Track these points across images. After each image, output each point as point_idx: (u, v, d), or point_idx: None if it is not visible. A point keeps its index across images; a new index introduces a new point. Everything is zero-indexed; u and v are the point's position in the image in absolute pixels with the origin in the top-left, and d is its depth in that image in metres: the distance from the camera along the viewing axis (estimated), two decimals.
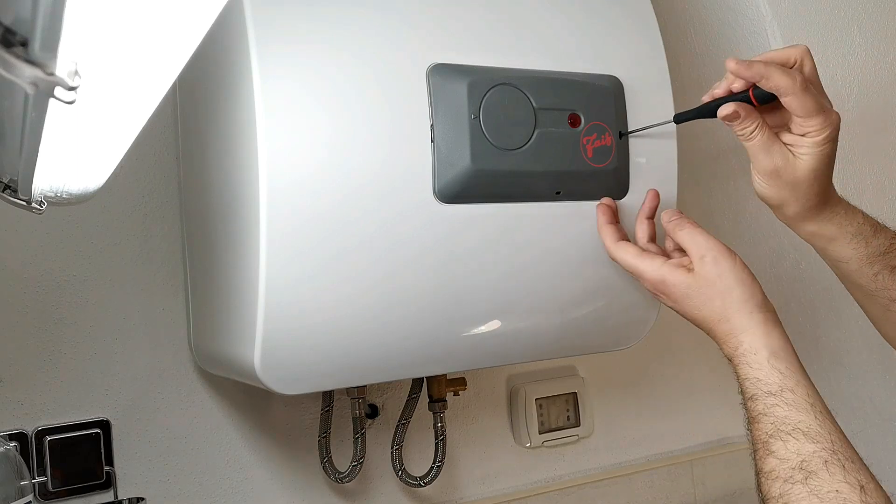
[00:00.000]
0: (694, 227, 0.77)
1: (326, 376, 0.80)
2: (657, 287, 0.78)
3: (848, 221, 0.81)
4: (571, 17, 0.86)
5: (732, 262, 0.74)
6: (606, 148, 0.84)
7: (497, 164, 0.78)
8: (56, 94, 0.30)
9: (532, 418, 1.19)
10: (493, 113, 0.78)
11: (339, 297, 0.75)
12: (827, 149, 0.76)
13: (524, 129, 0.80)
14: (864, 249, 0.81)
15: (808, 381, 0.70)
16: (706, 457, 1.34)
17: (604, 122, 0.84)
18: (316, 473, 1.04)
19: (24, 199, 0.64)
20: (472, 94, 0.77)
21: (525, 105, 0.80)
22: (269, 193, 0.71)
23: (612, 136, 0.84)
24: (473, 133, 0.77)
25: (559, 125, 0.81)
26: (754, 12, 1.06)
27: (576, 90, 0.83)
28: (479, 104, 0.77)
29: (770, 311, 0.74)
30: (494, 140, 0.78)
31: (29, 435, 0.89)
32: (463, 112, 0.77)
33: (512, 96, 0.79)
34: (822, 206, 0.80)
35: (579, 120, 0.82)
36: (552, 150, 0.81)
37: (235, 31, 0.72)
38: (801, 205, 0.79)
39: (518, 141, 0.79)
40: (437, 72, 0.77)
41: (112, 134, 0.51)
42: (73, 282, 0.93)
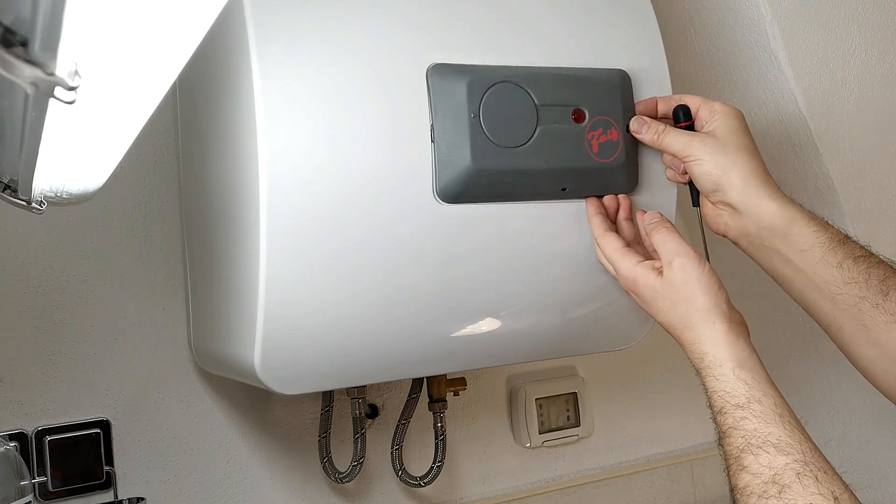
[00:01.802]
0: (668, 232, 0.77)
1: (326, 376, 0.80)
2: (629, 286, 0.78)
3: (798, 204, 0.80)
4: (571, 18, 0.86)
5: (700, 270, 0.74)
6: (613, 143, 0.83)
7: (498, 162, 0.78)
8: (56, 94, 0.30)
9: (532, 418, 1.19)
10: (494, 111, 0.77)
11: (339, 297, 0.75)
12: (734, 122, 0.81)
13: (526, 126, 0.79)
14: (824, 233, 0.78)
15: (776, 391, 0.69)
16: (706, 457, 1.34)
17: (609, 117, 0.83)
18: (316, 473, 1.04)
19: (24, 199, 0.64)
20: (471, 93, 0.77)
21: (526, 102, 0.79)
22: (269, 193, 0.71)
23: (619, 130, 0.83)
24: (473, 132, 0.76)
25: (562, 121, 0.81)
26: (754, 12, 1.06)
27: (579, 85, 0.82)
28: (479, 103, 0.77)
29: (736, 321, 0.73)
30: (495, 138, 0.77)
31: (29, 435, 0.89)
32: (462, 111, 0.76)
33: (512, 94, 0.79)
34: (768, 178, 0.80)
35: (583, 115, 0.82)
36: (556, 147, 0.80)
37: (235, 31, 0.72)
38: (739, 175, 0.78)
39: (519, 138, 0.79)
40: (437, 71, 0.77)
41: (112, 134, 0.51)
42: (73, 282, 0.93)
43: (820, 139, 1.08)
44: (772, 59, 1.07)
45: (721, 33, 1.12)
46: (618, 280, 0.80)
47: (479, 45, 0.81)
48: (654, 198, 0.87)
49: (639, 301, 0.79)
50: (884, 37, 1.13)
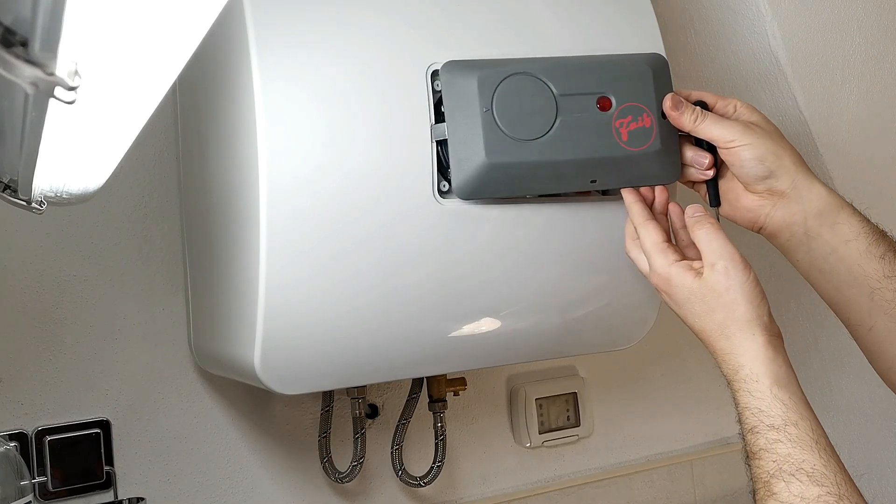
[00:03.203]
0: (714, 230, 0.72)
1: (326, 376, 0.80)
2: (661, 285, 0.73)
3: (838, 194, 0.77)
4: (571, 18, 0.86)
5: (745, 276, 0.69)
6: (645, 130, 0.78)
7: (514, 155, 0.75)
8: (56, 94, 0.30)
9: (532, 418, 1.19)
10: (508, 104, 0.75)
11: (339, 297, 0.75)
12: None
13: (544, 118, 0.76)
14: (867, 224, 0.76)
15: (812, 414, 0.65)
16: (706, 457, 1.34)
17: (641, 104, 0.78)
18: (316, 473, 1.04)
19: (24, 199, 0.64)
20: (482, 87, 0.75)
21: (544, 93, 0.77)
22: (269, 193, 0.71)
23: (653, 116, 0.78)
24: (486, 126, 0.74)
25: (586, 110, 0.77)
26: (754, 12, 1.06)
27: (604, 72, 0.78)
28: (492, 96, 0.75)
29: (776, 334, 0.69)
30: (510, 131, 0.75)
31: (29, 435, 0.89)
32: (474, 106, 0.75)
33: (528, 85, 0.76)
34: (810, 171, 0.77)
35: (610, 103, 0.78)
36: (579, 137, 0.77)
37: (235, 31, 0.72)
38: (791, 159, 0.76)
39: (537, 131, 0.76)
40: (448, 69, 0.76)
41: (112, 134, 0.51)
42: (72, 282, 0.93)
43: (820, 139, 1.08)
44: (772, 59, 1.07)
45: (721, 33, 1.12)
46: (649, 276, 0.75)
47: (479, 47, 0.80)
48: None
49: (669, 301, 0.74)
50: (884, 37, 1.13)
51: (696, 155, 0.80)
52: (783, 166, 0.76)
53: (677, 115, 0.78)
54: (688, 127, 0.78)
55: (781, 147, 0.77)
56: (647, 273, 0.75)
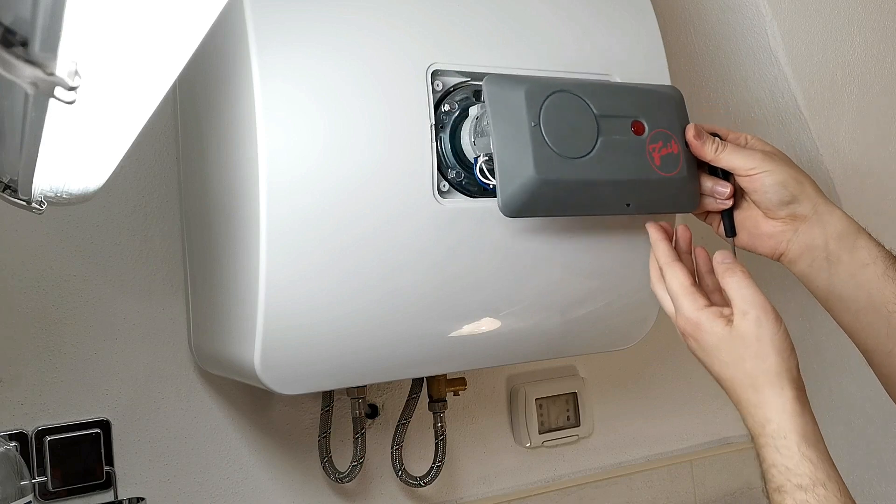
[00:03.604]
0: (744, 278, 0.70)
1: (326, 376, 0.80)
2: (689, 329, 0.71)
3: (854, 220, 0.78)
4: (571, 17, 0.86)
5: (776, 328, 0.67)
6: (674, 156, 0.78)
7: (563, 173, 0.74)
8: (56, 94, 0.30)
9: (532, 418, 1.19)
10: (554, 120, 0.74)
11: (339, 297, 0.75)
12: None
13: (587, 136, 0.76)
14: (882, 247, 0.76)
15: (837, 473, 0.64)
16: (706, 457, 1.34)
17: (668, 130, 0.79)
18: (316, 473, 1.04)
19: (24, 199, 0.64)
20: (530, 102, 0.73)
21: (586, 112, 0.76)
22: (270, 193, 0.71)
23: (679, 143, 0.79)
24: (535, 141, 0.73)
25: (623, 133, 0.77)
26: (754, 12, 1.06)
27: (636, 97, 0.79)
28: (539, 111, 0.74)
29: (801, 388, 0.67)
30: (558, 148, 0.74)
31: (29, 435, 0.89)
32: (522, 120, 0.73)
33: (571, 104, 0.75)
34: (827, 197, 0.78)
35: (643, 127, 0.78)
36: (619, 159, 0.76)
37: (235, 31, 0.72)
38: (810, 184, 0.76)
39: (582, 149, 0.75)
40: (493, 81, 0.75)
41: (112, 134, 0.51)
42: (73, 281, 0.93)
43: (820, 139, 1.08)
44: (772, 59, 1.07)
45: (721, 33, 1.12)
46: (675, 319, 0.73)
47: (479, 46, 0.81)
48: None
49: (695, 346, 0.71)
50: (884, 37, 1.13)
51: (716, 185, 0.80)
52: (805, 191, 0.77)
53: (699, 145, 0.78)
54: (709, 156, 0.78)
55: (800, 172, 0.78)
56: (672, 315, 0.74)
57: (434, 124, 0.77)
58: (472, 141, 0.79)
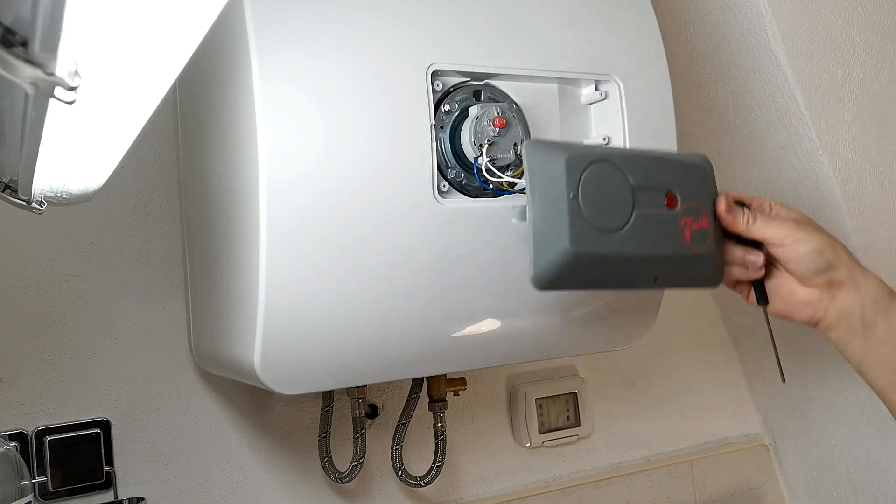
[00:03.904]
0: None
1: (326, 376, 0.80)
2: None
3: None
4: (571, 17, 0.86)
5: None
6: (704, 231, 0.77)
7: (597, 246, 0.72)
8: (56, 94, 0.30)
9: (532, 418, 1.19)
10: (592, 191, 0.72)
11: (339, 297, 0.75)
12: None
13: (623, 209, 0.74)
14: None
15: None
16: (706, 457, 1.34)
17: (700, 203, 0.77)
18: (316, 473, 1.04)
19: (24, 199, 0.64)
20: (570, 171, 0.71)
21: (623, 183, 0.74)
22: (270, 193, 0.71)
23: (708, 217, 0.77)
24: (572, 212, 0.71)
25: (657, 206, 0.75)
26: (754, 12, 1.06)
27: (670, 168, 0.77)
28: (578, 181, 0.71)
29: None
30: (594, 221, 0.72)
31: (29, 435, 0.89)
32: (561, 190, 0.71)
33: (610, 174, 0.73)
34: (856, 260, 0.78)
35: (675, 200, 0.76)
36: (652, 233, 0.75)
37: (235, 31, 0.72)
38: (844, 250, 0.77)
39: (618, 222, 0.73)
40: (533, 147, 0.73)
41: (112, 134, 0.51)
42: (73, 282, 0.93)
43: (820, 139, 1.08)
44: (772, 59, 1.07)
45: (721, 33, 1.12)
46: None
47: (478, 45, 0.81)
48: None
49: None
50: (884, 37, 1.13)
51: (747, 254, 0.79)
52: (840, 257, 0.77)
53: (731, 219, 0.78)
54: (741, 229, 0.78)
55: (832, 238, 0.78)
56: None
57: (434, 124, 0.77)
58: (472, 140, 0.79)
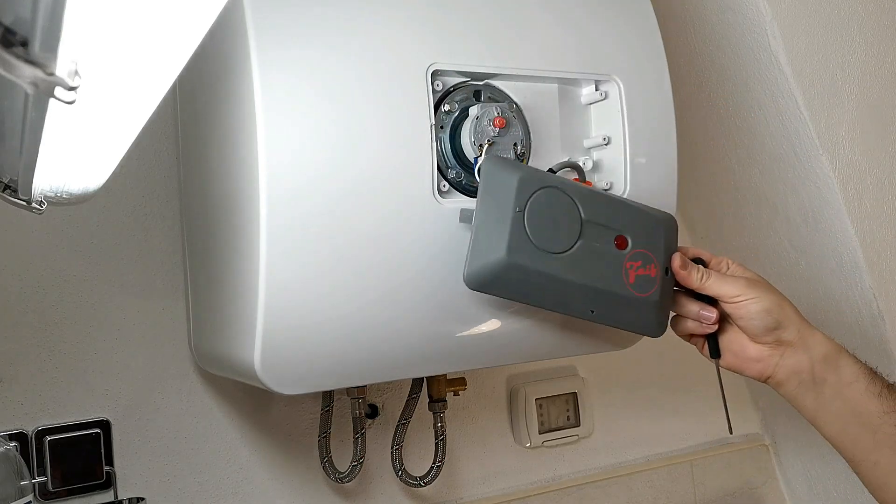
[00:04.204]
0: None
1: (326, 376, 0.80)
2: None
3: None
4: (571, 17, 0.86)
5: None
6: (650, 279, 0.80)
7: (532, 262, 0.75)
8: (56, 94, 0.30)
9: (532, 418, 1.19)
10: (539, 212, 0.76)
11: (339, 297, 0.75)
12: None
13: (567, 236, 0.77)
14: (860, 363, 0.80)
15: None
16: (706, 457, 1.34)
17: (651, 253, 0.80)
18: (316, 473, 1.04)
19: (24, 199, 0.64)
20: (521, 189, 0.75)
21: (573, 213, 0.77)
22: (270, 193, 0.71)
23: (658, 269, 0.81)
24: (514, 226, 0.75)
25: (605, 243, 0.79)
26: (754, 12, 1.06)
27: (627, 214, 0.80)
28: (527, 200, 0.75)
29: None
30: (535, 238, 0.75)
31: (29, 435, 0.89)
32: (508, 204, 0.75)
33: (561, 201, 0.77)
34: (805, 320, 0.81)
35: (626, 243, 0.79)
36: (593, 265, 0.78)
37: (235, 32, 0.72)
38: (793, 310, 0.80)
39: (558, 246, 0.77)
40: (492, 161, 0.76)
41: (112, 134, 0.51)
42: (73, 282, 0.93)
43: (820, 139, 1.08)
44: (772, 59, 1.07)
45: (721, 33, 1.12)
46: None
47: (478, 45, 0.81)
48: None
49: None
50: (884, 37, 1.13)
51: (702, 309, 0.82)
52: (788, 317, 0.80)
53: (686, 274, 0.81)
54: (695, 284, 0.81)
55: (783, 298, 0.81)
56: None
57: (434, 124, 0.77)
58: (472, 140, 0.79)
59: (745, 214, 1.24)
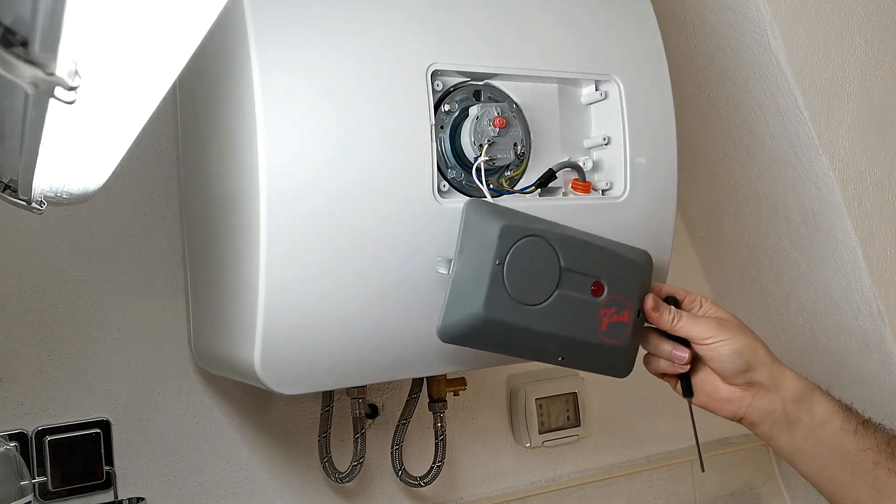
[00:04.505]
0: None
1: (326, 376, 0.80)
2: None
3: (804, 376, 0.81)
4: (571, 18, 0.86)
5: None
6: (622, 325, 0.80)
7: (509, 316, 0.74)
8: (56, 94, 0.30)
9: (532, 418, 1.19)
10: (518, 263, 0.74)
11: (339, 297, 0.75)
12: None
13: (545, 286, 0.76)
14: (834, 401, 0.80)
15: None
16: (706, 457, 1.34)
17: (625, 298, 0.80)
18: (316, 473, 1.04)
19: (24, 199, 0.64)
20: (502, 240, 0.73)
21: (552, 262, 0.76)
22: (270, 193, 0.71)
23: (631, 313, 0.80)
24: (493, 279, 0.73)
25: (581, 291, 0.78)
26: (754, 12, 1.06)
27: (605, 258, 0.79)
28: (507, 251, 0.74)
29: None
30: (513, 291, 0.74)
31: (29, 435, 0.89)
32: (489, 255, 0.73)
33: (542, 250, 0.76)
34: (778, 359, 0.81)
35: (602, 290, 0.79)
36: (568, 315, 0.77)
37: (235, 32, 0.72)
38: (764, 351, 0.80)
39: (536, 297, 0.76)
40: (473, 207, 0.75)
41: (112, 134, 0.51)
42: (73, 282, 0.93)
43: (820, 139, 1.08)
44: (772, 59, 1.07)
45: (721, 33, 1.12)
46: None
47: (478, 45, 0.81)
48: None
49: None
50: (884, 37, 1.13)
51: (674, 349, 0.82)
52: (759, 358, 0.79)
53: (657, 316, 0.81)
54: (666, 326, 0.81)
55: (754, 339, 0.80)
56: None
57: (434, 124, 0.77)
58: (472, 140, 0.79)
59: (745, 214, 1.24)
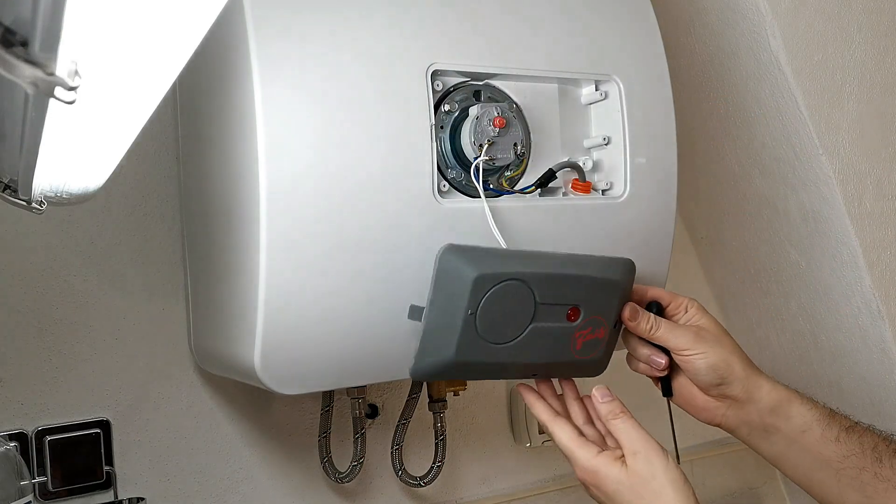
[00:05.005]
0: (628, 419, 0.76)
1: (326, 376, 0.80)
2: (589, 479, 0.75)
3: (784, 385, 0.81)
4: (571, 17, 0.86)
5: (665, 463, 0.72)
6: (597, 341, 0.81)
7: (479, 356, 0.76)
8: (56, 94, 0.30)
9: (532, 418, 1.19)
10: (491, 309, 0.74)
11: (339, 297, 0.75)
12: None
13: (520, 324, 0.77)
14: (816, 409, 0.79)
15: None
16: (706, 457, 1.34)
17: (602, 316, 0.80)
18: (316, 473, 1.04)
19: (24, 199, 0.64)
20: (475, 290, 0.73)
21: (527, 301, 0.76)
22: (269, 193, 0.71)
23: (607, 328, 0.81)
24: (465, 328, 0.74)
25: (557, 320, 0.78)
26: (754, 12, 1.06)
27: (582, 284, 0.79)
28: (480, 301, 0.74)
29: None
30: (484, 335, 0.75)
31: (29, 435, 0.89)
32: (461, 304, 0.73)
33: (517, 291, 0.75)
34: (756, 368, 0.80)
35: (578, 315, 0.79)
36: (541, 345, 0.78)
37: (235, 31, 0.72)
38: (741, 364, 0.79)
39: (509, 335, 0.76)
40: (449, 253, 0.74)
41: (112, 134, 0.51)
42: (73, 282, 0.93)
43: (820, 139, 1.08)
44: (772, 59, 1.07)
45: (721, 33, 1.12)
46: (574, 469, 0.76)
47: (478, 45, 0.81)
48: None
49: (598, 493, 0.75)
50: (884, 37, 1.13)
51: (653, 354, 0.82)
52: (734, 373, 0.79)
53: (634, 325, 0.81)
54: (644, 335, 0.81)
55: (731, 352, 0.80)
56: (570, 459, 0.77)
57: (434, 124, 0.78)
58: (472, 140, 0.79)
59: (745, 214, 1.24)
